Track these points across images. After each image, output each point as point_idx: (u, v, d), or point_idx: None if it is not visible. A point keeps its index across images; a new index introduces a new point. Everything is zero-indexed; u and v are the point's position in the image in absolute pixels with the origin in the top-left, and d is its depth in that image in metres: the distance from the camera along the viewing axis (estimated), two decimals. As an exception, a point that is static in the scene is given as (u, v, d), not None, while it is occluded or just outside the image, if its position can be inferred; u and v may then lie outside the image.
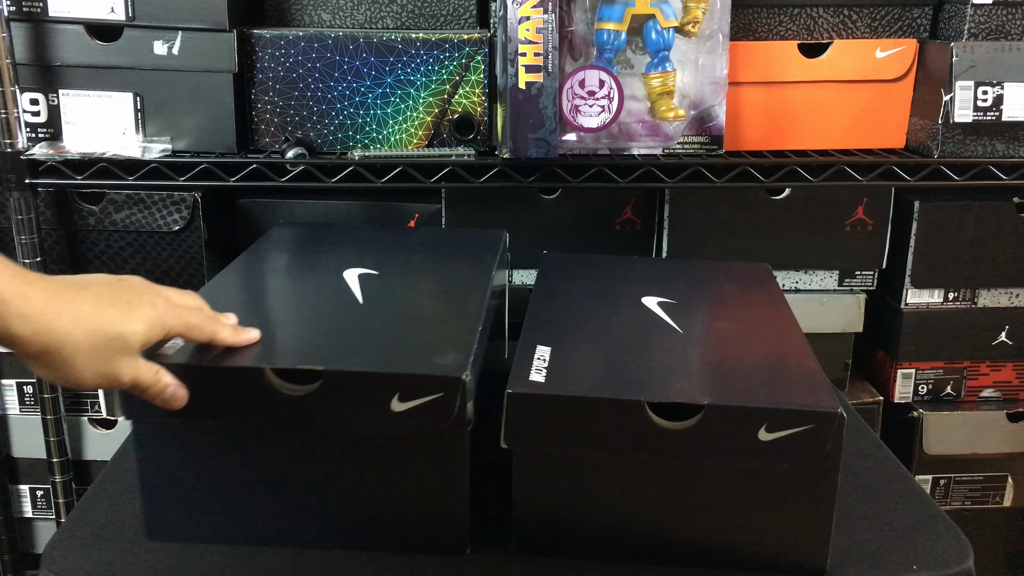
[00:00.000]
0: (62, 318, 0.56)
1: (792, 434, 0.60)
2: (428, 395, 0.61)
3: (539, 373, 0.64)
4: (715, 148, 1.04)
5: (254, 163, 1.02)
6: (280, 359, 0.63)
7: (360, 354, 0.65)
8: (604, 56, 1.01)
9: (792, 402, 0.61)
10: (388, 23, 1.09)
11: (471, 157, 1.04)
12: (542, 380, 0.63)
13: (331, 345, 0.67)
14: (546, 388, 0.62)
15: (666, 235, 1.13)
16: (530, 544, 0.66)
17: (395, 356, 0.65)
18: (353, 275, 0.81)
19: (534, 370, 0.65)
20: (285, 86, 1.04)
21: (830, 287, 1.17)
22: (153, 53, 1.01)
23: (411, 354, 0.66)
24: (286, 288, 0.81)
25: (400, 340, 0.69)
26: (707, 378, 0.67)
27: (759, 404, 0.61)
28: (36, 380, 1.11)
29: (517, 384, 0.63)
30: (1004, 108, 1.02)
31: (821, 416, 0.60)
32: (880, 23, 1.09)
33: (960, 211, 1.12)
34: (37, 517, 1.22)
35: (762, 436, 0.61)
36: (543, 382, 0.63)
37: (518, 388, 0.62)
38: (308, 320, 0.73)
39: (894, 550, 0.67)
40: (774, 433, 0.60)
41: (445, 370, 0.62)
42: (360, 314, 0.73)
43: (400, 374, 0.62)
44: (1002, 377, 1.19)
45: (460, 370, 0.61)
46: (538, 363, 0.66)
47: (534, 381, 0.63)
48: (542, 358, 0.67)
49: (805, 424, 0.60)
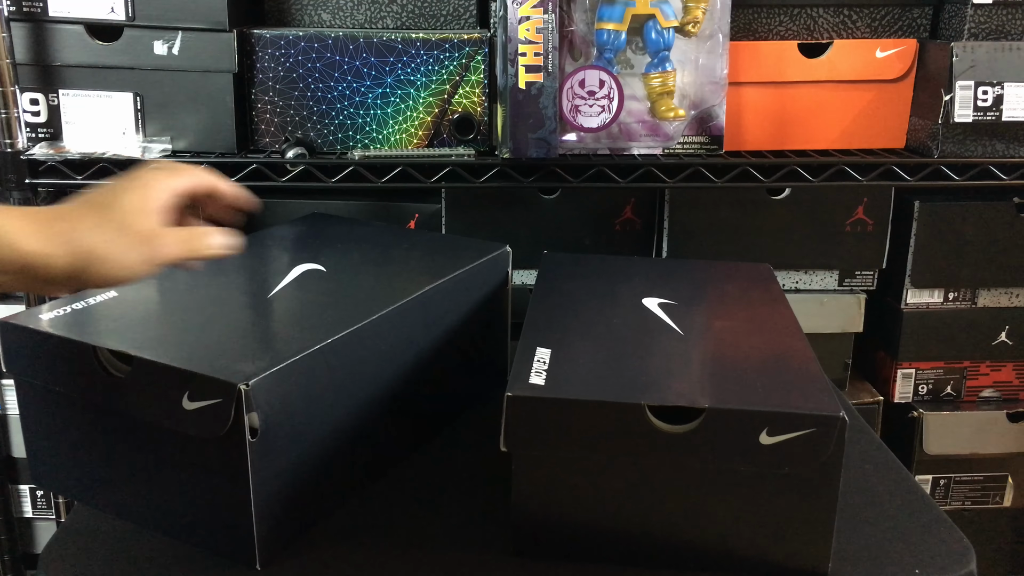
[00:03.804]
0: (75, 210, 0.57)
1: (794, 438, 0.60)
2: (211, 398, 0.61)
3: (539, 376, 0.64)
4: (715, 148, 1.04)
5: (254, 163, 1.02)
6: (108, 340, 0.66)
7: (173, 346, 0.66)
8: (604, 56, 1.01)
9: (793, 406, 0.61)
10: (388, 23, 1.09)
11: (471, 157, 1.04)
12: (542, 383, 0.63)
13: (148, 333, 0.68)
14: (546, 391, 0.62)
15: (666, 235, 1.13)
16: (529, 547, 0.66)
17: (194, 354, 0.64)
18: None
19: (534, 372, 0.64)
20: (285, 86, 1.04)
21: (830, 287, 1.17)
22: (153, 53, 1.01)
23: (210, 353, 0.65)
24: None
25: (212, 340, 0.68)
26: (708, 381, 0.66)
27: (760, 408, 0.61)
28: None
29: (517, 387, 0.62)
30: (1004, 108, 1.02)
31: (823, 420, 0.60)
32: (880, 23, 1.09)
33: (960, 211, 1.12)
34: (37, 517, 1.22)
35: (763, 440, 0.60)
36: (543, 385, 0.63)
37: (518, 391, 0.62)
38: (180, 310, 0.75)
39: (896, 553, 0.67)
40: (776, 437, 0.60)
41: (228, 375, 0.60)
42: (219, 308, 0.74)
43: (188, 372, 0.61)
44: (1002, 377, 1.19)
45: (242, 378, 0.60)
46: (538, 365, 0.66)
47: (534, 384, 0.63)
48: (542, 360, 0.67)
49: (807, 428, 0.60)
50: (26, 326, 0.68)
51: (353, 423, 0.71)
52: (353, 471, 0.74)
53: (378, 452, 0.76)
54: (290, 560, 0.66)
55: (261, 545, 0.64)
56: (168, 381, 0.62)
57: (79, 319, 0.70)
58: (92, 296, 0.74)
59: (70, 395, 0.68)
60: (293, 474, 0.66)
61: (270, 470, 0.63)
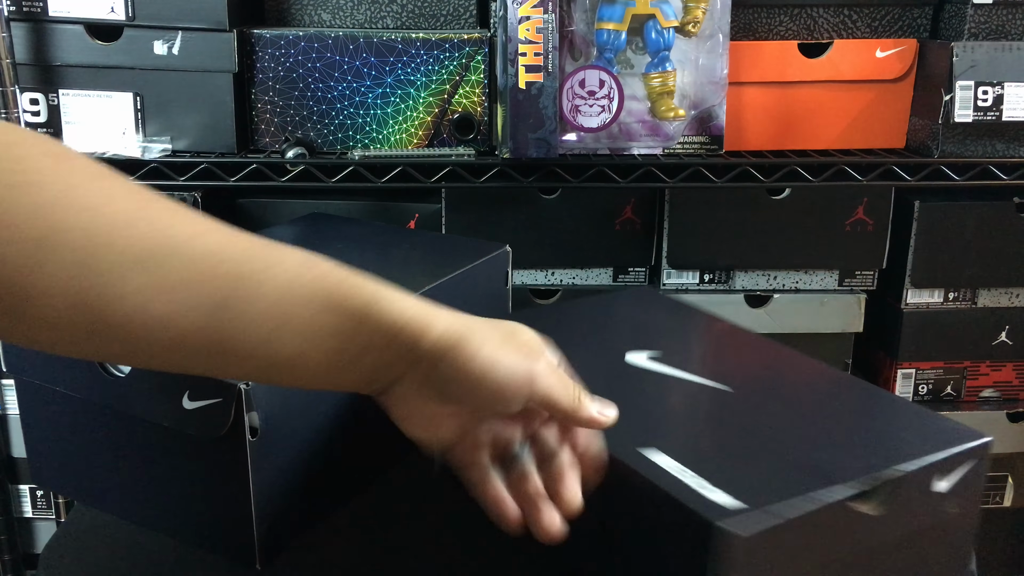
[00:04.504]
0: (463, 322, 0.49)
1: (961, 475, 0.57)
2: (211, 398, 0.61)
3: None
4: (715, 148, 1.04)
5: (254, 163, 1.02)
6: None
7: None
8: (604, 56, 1.01)
9: (948, 445, 0.57)
10: (388, 23, 1.09)
11: (471, 157, 1.04)
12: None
13: None
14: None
15: (666, 235, 1.13)
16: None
17: None
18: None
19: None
20: (285, 86, 1.04)
21: (830, 287, 1.17)
22: (153, 53, 1.01)
23: None
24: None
25: None
26: (846, 451, 0.59)
27: (926, 459, 0.56)
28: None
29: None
30: (1004, 108, 1.02)
31: (980, 449, 0.58)
32: (880, 23, 1.09)
33: (960, 211, 1.12)
34: (37, 517, 1.22)
35: (936, 487, 0.57)
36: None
37: None
38: None
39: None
40: (947, 479, 0.57)
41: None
42: None
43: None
44: (1002, 377, 1.19)
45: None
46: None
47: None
48: None
49: (971, 460, 0.57)
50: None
51: (353, 422, 0.71)
52: (353, 470, 0.74)
53: (378, 451, 0.76)
54: (290, 559, 0.66)
55: (261, 544, 0.64)
56: (168, 381, 0.62)
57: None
58: None
59: (70, 395, 0.68)
60: (293, 473, 0.66)
61: (270, 469, 0.63)
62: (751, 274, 1.16)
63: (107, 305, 0.40)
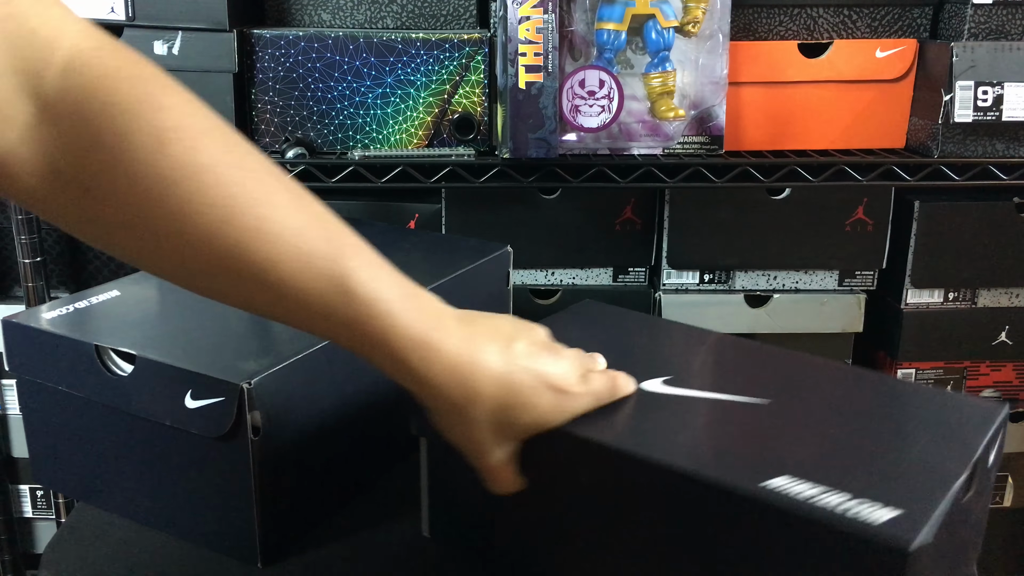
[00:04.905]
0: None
1: (998, 445, 0.58)
2: (213, 397, 0.61)
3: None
4: (715, 148, 1.04)
5: (254, 163, 1.02)
6: (110, 340, 0.66)
7: (175, 345, 0.66)
8: (604, 56, 1.01)
9: (987, 419, 0.57)
10: (388, 23, 1.09)
11: (471, 157, 1.04)
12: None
13: (151, 333, 0.68)
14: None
15: (666, 235, 1.13)
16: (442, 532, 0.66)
17: (196, 353, 0.65)
18: None
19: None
20: (285, 86, 1.04)
21: (830, 287, 1.17)
22: (153, 53, 1.01)
23: (213, 352, 0.65)
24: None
25: (214, 340, 0.68)
26: (936, 444, 0.56)
27: (984, 437, 0.56)
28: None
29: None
30: (1004, 108, 1.02)
31: (1005, 417, 0.58)
32: (880, 23, 1.09)
33: (960, 211, 1.12)
34: (37, 517, 1.22)
35: (989, 463, 0.58)
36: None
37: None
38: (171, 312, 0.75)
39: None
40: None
41: (231, 374, 0.61)
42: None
43: (191, 371, 0.61)
44: (1002, 377, 1.19)
45: (245, 377, 0.60)
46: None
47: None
48: None
49: (1002, 429, 0.58)
50: (28, 325, 0.68)
51: (355, 422, 0.71)
52: (356, 469, 0.74)
53: (380, 450, 0.76)
54: (293, 559, 0.66)
55: (263, 544, 0.64)
56: (171, 380, 0.62)
57: (81, 318, 0.70)
58: (94, 295, 0.74)
59: (73, 394, 0.68)
60: (296, 472, 0.66)
61: (273, 469, 0.63)
62: (751, 274, 1.16)
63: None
